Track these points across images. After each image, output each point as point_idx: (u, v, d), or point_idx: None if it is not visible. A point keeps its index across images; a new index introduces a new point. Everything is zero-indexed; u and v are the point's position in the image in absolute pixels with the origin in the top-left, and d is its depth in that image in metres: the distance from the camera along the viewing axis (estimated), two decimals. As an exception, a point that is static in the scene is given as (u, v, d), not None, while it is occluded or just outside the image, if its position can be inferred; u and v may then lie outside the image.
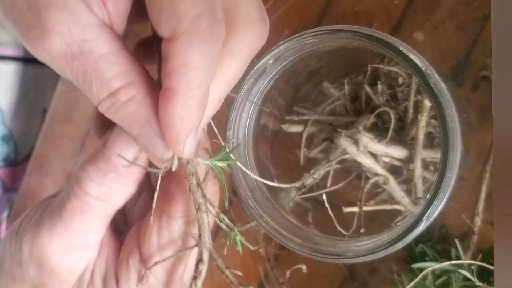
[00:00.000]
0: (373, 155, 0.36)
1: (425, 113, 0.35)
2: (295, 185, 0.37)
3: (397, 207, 0.37)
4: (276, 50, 0.34)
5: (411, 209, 0.36)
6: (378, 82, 0.38)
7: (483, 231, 0.40)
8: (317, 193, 0.39)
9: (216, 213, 0.25)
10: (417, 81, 0.32)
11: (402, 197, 0.37)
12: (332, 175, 0.39)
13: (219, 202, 0.29)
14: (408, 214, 0.36)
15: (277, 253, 0.48)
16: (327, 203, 0.36)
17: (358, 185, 0.40)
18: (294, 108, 0.39)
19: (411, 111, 0.36)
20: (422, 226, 0.31)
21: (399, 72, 0.38)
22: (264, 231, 0.36)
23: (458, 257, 0.37)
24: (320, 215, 0.38)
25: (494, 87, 0.28)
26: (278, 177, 0.41)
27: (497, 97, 0.27)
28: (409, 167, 0.36)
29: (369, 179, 0.36)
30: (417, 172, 0.35)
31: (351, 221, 0.40)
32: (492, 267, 0.35)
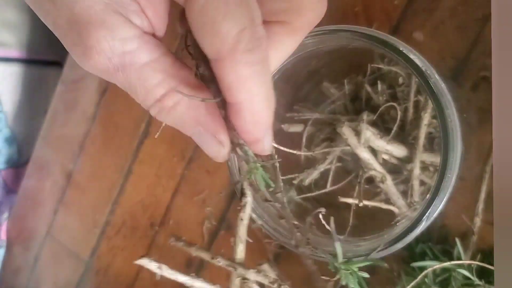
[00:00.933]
0: (373, 151, 0.36)
1: (428, 110, 0.35)
2: (296, 175, 0.37)
3: (392, 208, 0.37)
4: (276, 50, 0.34)
5: (405, 211, 0.36)
6: (378, 82, 0.38)
7: (482, 231, 0.40)
8: (317, 193, 0.39)
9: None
10: (417, 81, 0.32)
11: (398, 198, 0.37)
12: (332, 175, 0.39)
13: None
14: (402, 217, 0.36)
15: (277, 253, 0.48)
16: (326, 203, 0.36)
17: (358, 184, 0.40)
18: (294, 107, 0.39)
19: (411, 111, 0.37)
20: (422, 226, 0.31)
21: (399, 72, 0.38)
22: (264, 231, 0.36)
23: (458, 257, 0.37)
24: (320, 214, 0.38)
25: (494, 87, 0.28)
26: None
27: (497, 97, 0.27)
28: (407, 167, 0.36)
29: (366, 173, 0.36)
30: (415, 172, 0.35)
31: (350, 221, 0.40)
32: (492, 266, 0.35)
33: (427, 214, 0.31)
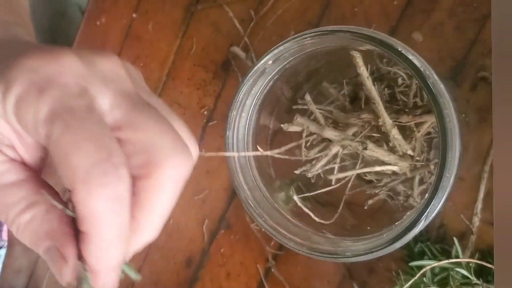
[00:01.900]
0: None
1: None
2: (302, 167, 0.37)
3: (387, 167, 0.36)
4: (276, 51, 0.34)
5: (400, 165, 0.35)
6: (376, 84, 0.38)
7: (481, 230, 0.40)
8: (316, 192, 0.39)
9: None
10: (417, 81, 0.32)
11: (401, 145, 0.35)
12: (328, 173, 0.39)
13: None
14: (400, 173, 0.36)
15: (276, 253, 0.48)
16: (326, 202, 0.36)
17: (357, 185, 0.40)
18: (294, 107, 0.39)
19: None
20: (420, 226, 0.31)
21: (398, 72, 0.38)
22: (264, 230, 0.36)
23: (456, 256, 0.37)
24: (319, 214, 0.38)
25: (494, 87, 0.28)
26: (278, 177, 0.41)
27: (497, 97, 0.27)
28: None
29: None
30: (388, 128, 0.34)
31: (350, 221, 0.40)
32: (490, 265, 0.35)
33: (425, 214, 0.31)
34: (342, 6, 0.45)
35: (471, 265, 0.36)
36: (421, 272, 0.35)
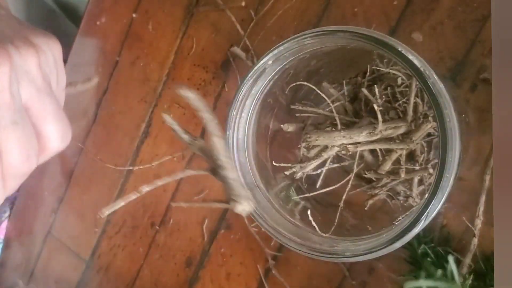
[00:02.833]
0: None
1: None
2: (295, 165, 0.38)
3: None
4: (276, 51, 0.34)
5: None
6: (376, 84, 0.38)
7: (483, 231, 0.40)
8: (316, 192, 0.39)
9: None
10: (417, 81, 0.32)
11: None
12: (327, 174, 0.39)
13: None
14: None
15: (276, 253, 0.48)
16: (326, 202, 0.36)
17: (357, 185, 0.40)
18: (293, 107, 0.39)
19: (410, 113, 0.37)
20: (420, 226, 0.31)
21: (397, 73, 0.38)
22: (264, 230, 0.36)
23: (452, 277, 0.37)
24: (319, 214, 0.38)
25: (494, 87, 0.28)
26: (278, 177, 0.41)
27: (497, 97, 0.27)
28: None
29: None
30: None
31: (350, 221, 0.40)
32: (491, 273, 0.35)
33: (425, 214, 0.31)
34: (342, 6, 0.45)
35: (467, 283, 0.36)
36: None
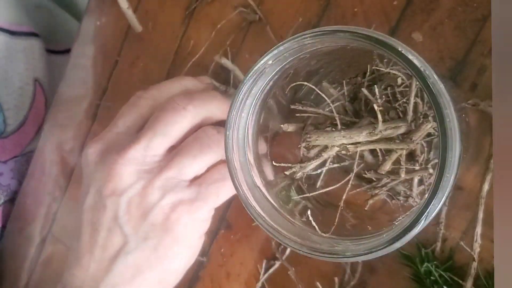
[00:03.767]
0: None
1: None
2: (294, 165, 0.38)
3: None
4: (276, 51, 0.34)
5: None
6: (376, 84, 0.38)
7: (483, 246, 0.40)
8: (316, 192, 0.39)
9: None
10: (417, 81, 0.32)
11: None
12: (328, 174, 0.39)
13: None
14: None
15: (277, 253, 0.48)
16: (326, 202, 0.36)
17: (357, 185, 0.40)
18: (293, 107, 0.39)
19: (410, 113, 0.37)
20: (420, 226, 0.31)
21: (397, 73, 0.38)
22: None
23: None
24: (319, 214, 0.38)
25: (494, 88, 0.28)
26: (278, 177, 0.41)
27: (497, 97, 0.27)
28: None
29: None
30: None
31: (350, 221, 0.40)
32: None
33: (425, 214, 0.31)
34: (342, 6, 0.45)
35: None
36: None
